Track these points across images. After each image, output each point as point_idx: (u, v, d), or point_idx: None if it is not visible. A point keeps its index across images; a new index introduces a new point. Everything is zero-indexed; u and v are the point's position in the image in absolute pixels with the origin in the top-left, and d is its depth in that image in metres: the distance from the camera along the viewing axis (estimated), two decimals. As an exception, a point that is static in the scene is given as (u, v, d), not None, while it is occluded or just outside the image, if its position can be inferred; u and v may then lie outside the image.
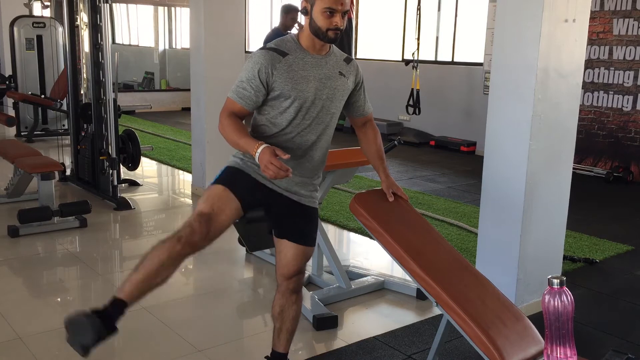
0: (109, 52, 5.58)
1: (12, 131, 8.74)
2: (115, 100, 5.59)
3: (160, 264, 2.28)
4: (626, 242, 4.90)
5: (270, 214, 2.50)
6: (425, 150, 8.97)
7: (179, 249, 2.29)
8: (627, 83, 7.15)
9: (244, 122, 2.43)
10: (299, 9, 2.41)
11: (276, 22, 12.76)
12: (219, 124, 2.38)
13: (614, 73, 7.25)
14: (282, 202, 2.47)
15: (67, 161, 6.61)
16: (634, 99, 7.12)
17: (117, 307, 2.27)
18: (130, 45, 15.23)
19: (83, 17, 5.86)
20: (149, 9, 14.30)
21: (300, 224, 2.51)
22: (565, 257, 4.17)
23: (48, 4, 10.00)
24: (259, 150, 2.22)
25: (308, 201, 2.52)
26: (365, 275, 3.96)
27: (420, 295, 3.71)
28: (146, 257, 2.31)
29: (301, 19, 2.46)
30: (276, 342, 2.68)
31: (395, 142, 4.18)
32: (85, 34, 5.86)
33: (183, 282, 4.16)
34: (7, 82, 9.05)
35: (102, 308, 2.27)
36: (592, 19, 5.94)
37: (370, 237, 4.08)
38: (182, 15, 13.78)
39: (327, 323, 3.34)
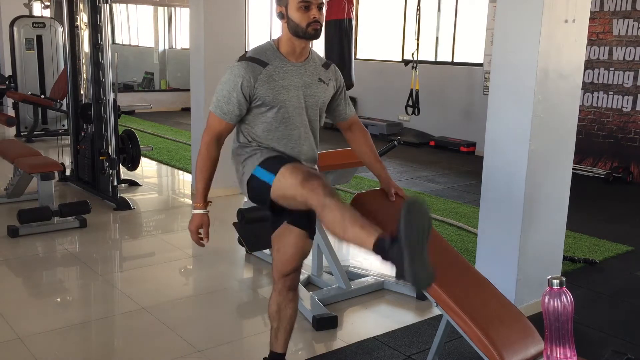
0: (109, 52, 5.58)
1: (12, 131, 8.74)
2: (115, 101, 5.59)
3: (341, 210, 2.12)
4: (626, 242, 4.90)
5: (288, 216, 2.48)
6: (425, 150, 8.97)
7: (335, 198, 2.13)
8: (627, 84, 7.15)
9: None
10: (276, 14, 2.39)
11: (276, 22, 12.81)
12: (200, 150, 2.42)
13: (614, 73, 7.25)
14: None
15: (67, 161, 6.61)
16: (634, 99, 7.12)
17: None
18: (130, 45, 15.23)
19: (83, 17, 5.85)
20: (149, 9, 14.30)
21: (310, 216, 2.49)
22: (565, 258, 4.17)
23: (48, 4, 10.00)
24: (196, 211, 2.41)
25: None
26: (364, 276, 3.96)
27: (419, 296, 3.71)
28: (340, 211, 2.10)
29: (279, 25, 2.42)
30: (274, 343, 2.67)
31: (395, 142, 4.18)
32: (85, 34, 5.86)
33: (183, 282, 4.17)
34: (7, 82, 9.05)
35: None
36: (592, 19, 5.94)
37: (370, 238, 4.07)
38: (182, 15, 13.77)
39: (326, 323, 3.34)
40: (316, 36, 2.35)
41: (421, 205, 1.98)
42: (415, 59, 7.86)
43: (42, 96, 8.49)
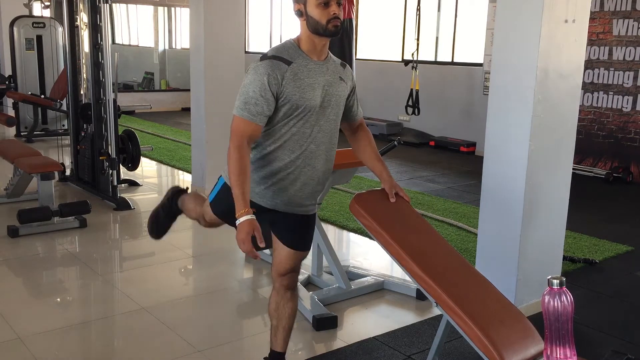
0: (109, 52, 5.58)
1: (12, 131, 8.74)
2: (115, 101, 5.59)
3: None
4: (626, 242, 4.90)
5: (273, 226, 2.51)
6: (425, 150, 8.97)
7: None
8: (627, 84, 7.16)
9: None
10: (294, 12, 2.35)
11: (276, 22, 12.81)
12: (229, 152, 2.26)
13: (614, 74, 7.25)
14: (286, 218, 2.48)
15: (67, 161, 6.61)
16: (634, 99, 7.13)
17: None
18: (130, 45, 15.23)
19: (83, 17, 5.85)
20: (149, 9, 14.30)
21: (301, 233, 2.53)
22: (565, 258, 4.17)
23: (48, 4, 10.00)
24: (243, 218, 2.20)
25: (311, 209, 2.54)
26: (364, 276, 3.96)
27: (419, 296, 3.71)
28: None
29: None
30: (274, 341, 2.68)
31: (395, 142, 4.18)
32: (85, 34, 5.86)
33: (183, 283, 4.17)
34: (7, 82, 9.06)
35: None
36: (591, 19, 5.93)
37: (370, 238, 4.07)
38: (182, 15, 13.78)
39: (326, 323, 3.34)
40: (337, 33, 2.30)
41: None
42: (415, 59, 7.86)
43: (42, 96, 8.49)
